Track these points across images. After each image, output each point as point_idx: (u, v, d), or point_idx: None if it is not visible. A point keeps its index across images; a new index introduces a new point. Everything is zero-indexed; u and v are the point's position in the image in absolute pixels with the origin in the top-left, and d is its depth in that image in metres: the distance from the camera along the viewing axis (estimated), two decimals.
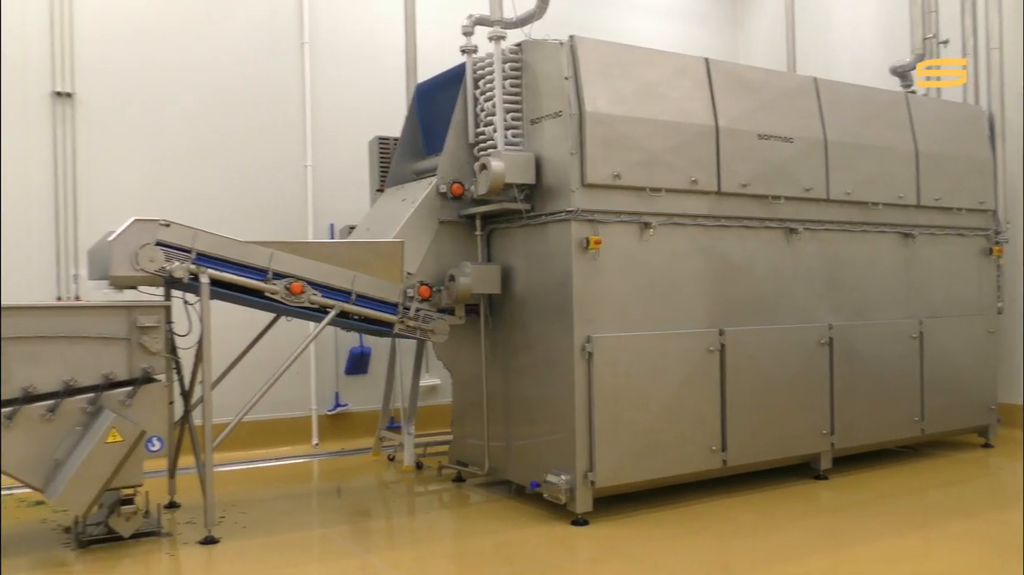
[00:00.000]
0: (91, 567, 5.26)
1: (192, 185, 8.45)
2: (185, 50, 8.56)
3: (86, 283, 7.53)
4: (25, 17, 7.88)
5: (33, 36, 7.90)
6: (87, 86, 8.11)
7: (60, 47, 7.99)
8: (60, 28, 7.99)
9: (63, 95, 8.00)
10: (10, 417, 5.11)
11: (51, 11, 7.97)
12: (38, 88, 7.92)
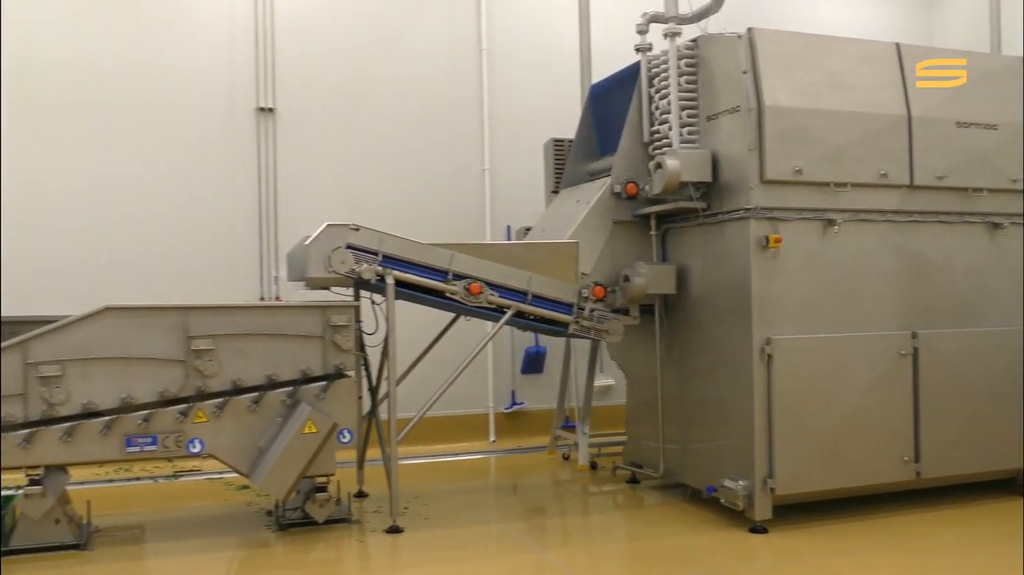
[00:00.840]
0: (289, 548, 5.67)
1: (379, 190, 8.91)
2: (371, 64, 9.03)
3: (285, 284, 8.13)
4: (233, 40, 8.60)
5: (240, 57, 8.62)
6: (286, 102, 8.74)
7: (264, 67, 8.66)
8: (264, 49, 8.67)
9: (265, 110, 8.67)
10: (220, 407, 5.60)
11: (255, 33, 8.65)
12: (244, 104, 8.62)
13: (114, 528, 6.03)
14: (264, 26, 8.68)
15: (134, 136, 8.31)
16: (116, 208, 8.21)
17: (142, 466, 7.70)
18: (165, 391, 5.51)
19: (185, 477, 7.71)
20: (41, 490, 5.35)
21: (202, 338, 5.57)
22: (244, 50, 8.63)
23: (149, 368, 5.49)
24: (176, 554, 5.55)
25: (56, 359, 5.31)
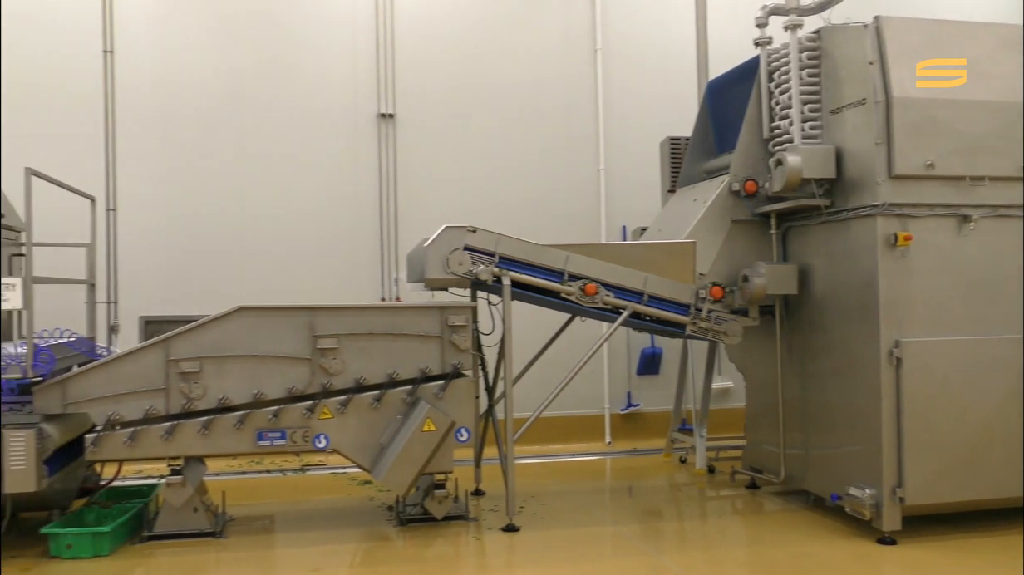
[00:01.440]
0: (410, 543, 5.82)
1: (495, 193, 9.03)
2: (487, 68, 9.16)
3: (405, 285, 8.35)
4: (355, 50, 8.90)
5: (362, 66, 8.91)
6: (406, 108, 8.98)
7: (384, 74, 8.93)
8: (384, 57, 8.93)
9: (386, 116, 8.93)
10: (344, 404, 5.80)
11: (377, 42, 8.93)
12: (366, 111, 8.91)
13: (246, 518, 6.34)
14: (385, 34, 8.94)
15: (263, 144, 8.71)
16: (247, 213, 8.64)
17: (272, 459, 8.07)
18: (293, 388, 5.76)
19: (311, 471, 8.03)
20: (181, 480, 5.68)
21: (327, 337, 5.80)
22: (366, 59, 8.92)
23: (278, 365, 5.75)
24: (303, 544, 5.79)
25: (195, 356, 5.64)
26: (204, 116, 8.62)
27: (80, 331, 6.52)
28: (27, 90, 8.25)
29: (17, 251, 6.32)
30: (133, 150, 8.48)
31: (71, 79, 8.35)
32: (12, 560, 5.41)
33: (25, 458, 5.15)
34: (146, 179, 8.48)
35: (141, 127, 8.50)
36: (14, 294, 5.17)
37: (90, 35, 8.41)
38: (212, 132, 8.63)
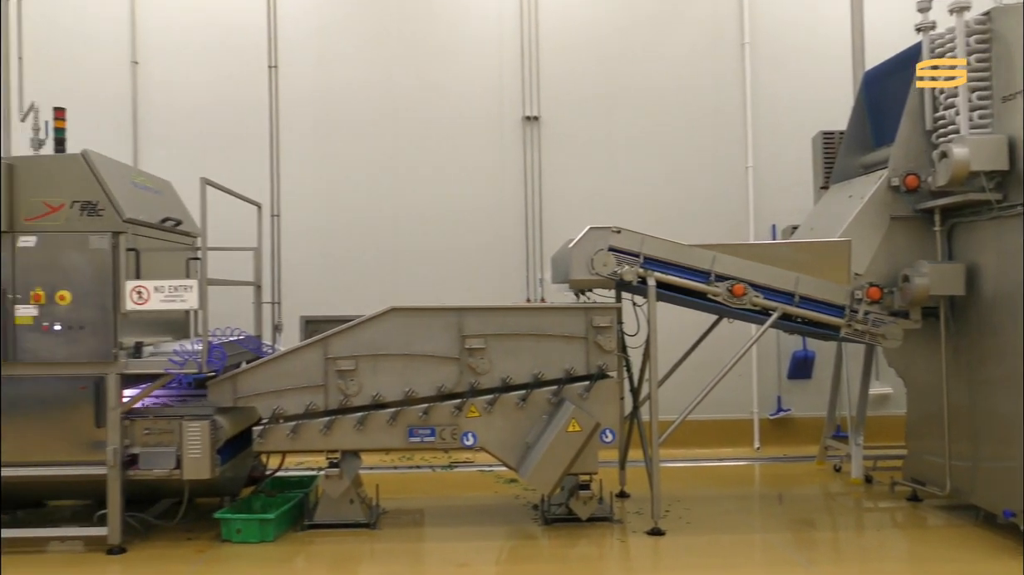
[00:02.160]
0: (555, 542, 5.87)
1: (640, 192, 8.97)
2: (631, 67, 9.11)
3: (550, 286, 8.42)
4: (501, 54, 9.06)
5: (507, 70, 9.06)
6: (550, 110, 9.06)
7: (529, 77, 9.05)
8: (529, 60, 9.05)
9: (531, 119, 9.04)
10: (491, 403, 5.92)
11: (521, 45, 9.06)
12: (511, 115, 9.06)
13: (398, 511, 6.58)
14: (529, 39, 9.06)
15: (413, 151, 9.03)
16: (399, 217, 8.98)
17: (422, 455, 8.33)
18: (442, 386, 5.93)
19: (459, 468, 8.23)
20: (339, 472, 5.97)
21: (475, 337, 5.94)
22: (511, 63, 9.07)
23: (428, 364, 5.94)
24: (452, 539, 5.95)
25: (351, 355, 5.91)
26: (359, 125, 9.02)
27: (248, 330, 6.96)
28: (203, 106, 8.91)
29: (193, 255, 6.81)
30: (295, 159, 8.99)
31: (240, 94, 8.94)
32: (189, 542, 5.85)
33: (201, 447, 5.56)
34: (306, 186, 8.96)
35: (302, 137, 9.00)
36: (191, 295, 5.59)
37: (257, 52, 8.97)
38: (366, 140, 9.02)
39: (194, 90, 8.94)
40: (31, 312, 5.54)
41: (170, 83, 8.97)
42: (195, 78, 8.95)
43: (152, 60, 8.98)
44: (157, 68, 8.98)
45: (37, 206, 5.58)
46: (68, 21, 8.83)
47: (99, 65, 8.88)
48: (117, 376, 5.59)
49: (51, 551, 5.77)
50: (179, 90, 8.96)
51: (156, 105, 8.97)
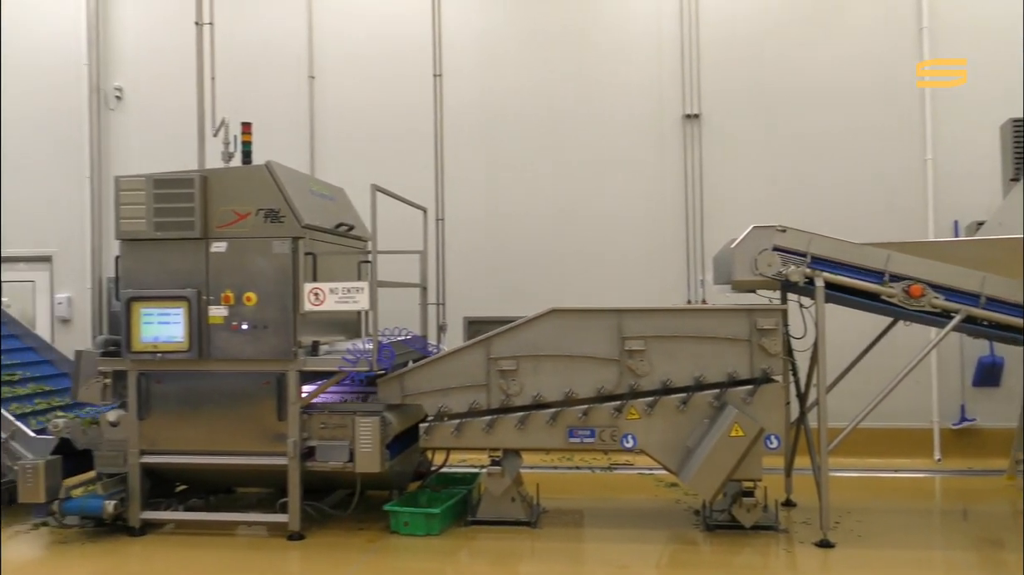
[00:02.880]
0: (716, 549, 5.75)
1: (806, 190, 8.63)
2: (796, 59, 8.78)
3: (711, 287, 8.25)
4: (660, 52, 8.98)
5: (667, 67, 8.97)
6: (711, 107, 8.89)
7: (689, 74, 8.91)
8: (689, 57, 8.91)
9: (691, 117, 8.90)
10: (651, 406, 5.88)
11: (681, 42, 8.94)
12: (671, 113, 8.95)
13: (558, 511, 6.64)
14: (689, 34, 8.92)
15: (574, 152, 9.11)
16: (559, 219, 9.08)
17: (581, 456, 8.37)
18: (602, 388, 5.94)
19: (619, 470, 8.21)
20: (501, 470, 6.10)
21: (635, 339, 5.91)
22: (671, 61, 8.96)
23: (588, 365, 5.97)
24: (611, 540, 5.96)
25: (512, 355, 6.02)
26: (520, 127, 9.19)
27: (414, 330, 7.24)
28: (371, 114, 9.35)
29: (365, 258, 7.16)
30: (458, 163, 9.27)
31: (407, 101, 9.33)
32: (360, 531, 6.15)
33: (371, 442, 5.84)
34: (469, 190, 9.22)
35: (465, 141, 9.27)
36: (363, 296, 5.88)
37: (422, 60, 9.31)
38: (527, 143, 9.18)
39: (363, 100, 9.40)
40: (222, 312, 6.00)
41: (342, 95, 9.47)
42: (364, 89, 9.41)
43: (326, 74, 9.51)
44: (331, 81, 9.50)
45: (227, 214, 6.04)
46: (253, 44, 9.49)
47: (280, 82, 9.50)
48: (296, 373, 5.96)
49: (239, 534, 6.23)
50: (350, 101, 9.44)
51: (330, 116, 9.49)
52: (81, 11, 9.77)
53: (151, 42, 9.79)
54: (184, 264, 6.06)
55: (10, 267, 9.99)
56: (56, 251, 9.86)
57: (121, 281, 6.18)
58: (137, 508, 6.07)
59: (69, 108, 9.77)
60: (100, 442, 6.10)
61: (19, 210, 9.84)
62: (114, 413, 6.09)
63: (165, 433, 6.07)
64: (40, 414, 6.84)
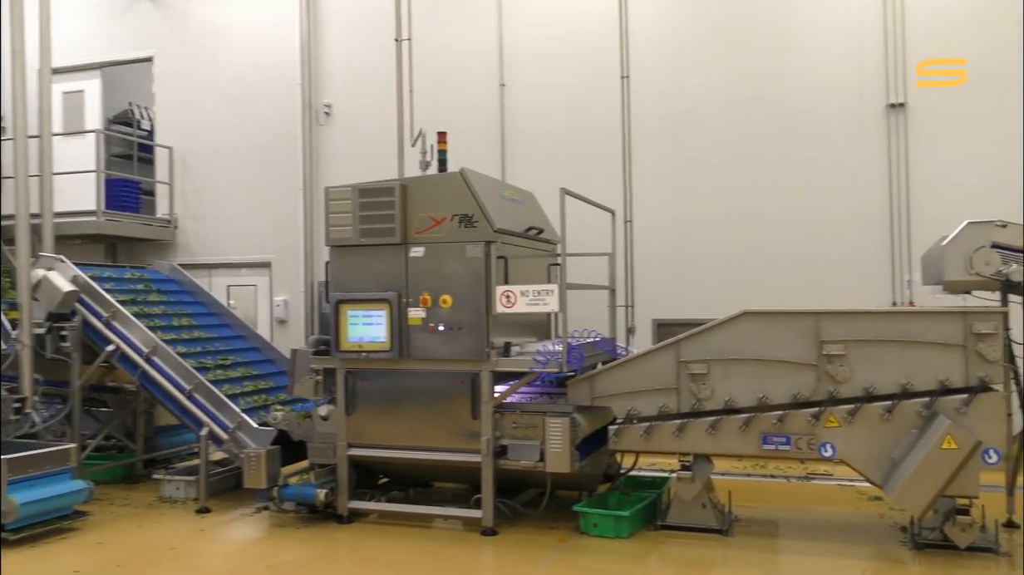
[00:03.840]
0: (927, 570, 5.36)
1: None
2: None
3: (919, 288, 7.71)
4: (861, 40, 8.51)
5: (868, 56, 8.49)
6: (919, 95, 8.31)
7: (893, 62, 8.39)
8: (893, 43, 8.39)
9: (896, 106, 8.38)
10: (852, 413, 5.58)
11: (884, 29, 8.43)
12: (872, 103, 8.48)
13: (751, 520, 6.45)
14: (894, 18, 8.39)
15: (763, 148, 8.83)
16: (749, 217, 8.83)
17: (776, 464, 8.07)
18: (798, 394, 5.71)
19: (816, 480, 7.84)
20: (691, 475, 6.01)
21: (834, 343, 5.64)
22: (873, 47, 8.49)
23: (782, 370, 5.76)
24: (808, 554, 5.71)
25: (702, 358, 5.92)
26: (708, 125, 9.03)
27: (603, 332, 7.27)
28: (559, 119, 9.51)
29: (554, 261, 7.27)
30: (645, 164, 9.23)
31: (594, 105, 9.41)
32: (551, 530, 6.26)
33: (561, 443, 5.93)
34: (657, 191, 9.16)
35: (652, 142, 9.22)
36: (552, 299, 5.99)
37: (609, 63, 9.35)
38: (714, 141, 8.99)
39: (551, 105, 9.57)
40: (420, 314, 6.31)
41: (531, 101, 9.68)
42: (552, 94, 9.58)
43: (516, 81, 9.76)
44: (520, 88, 9.74)
45: (424, 220, 6.34)
46: (447, 57, 9.91)
47: (473, 91, 9.85)
48: (489, 373, 6.16)
49: (436, 527, 6.51)
50: (539, 107, 9.63)
51: (520, 122, 9.73)
52: (295, 37, 10.58)
53: (355, 60, 10.45)
54: (386, 268, 6.42)
55: (234, 273, 11.00)
56: (274, 257, 10.73)
57: (330, 285, 6.64)
58: (345, 498, 6.50)
59: (284, 126, 10.62)
60: (313, 434, 6.58)
61: (244, 221, 10.82)
62: (325, 408, 6.55)
63: (369, 428, 6.46)
64: (262, 408, 7.49)
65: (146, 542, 6.23)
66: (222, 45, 11.02)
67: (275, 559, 5.78)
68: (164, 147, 11.24)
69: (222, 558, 6.02)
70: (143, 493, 7.61)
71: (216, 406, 7.20)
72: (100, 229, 10.25)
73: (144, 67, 11.49)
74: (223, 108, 10.97)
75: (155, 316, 8.02)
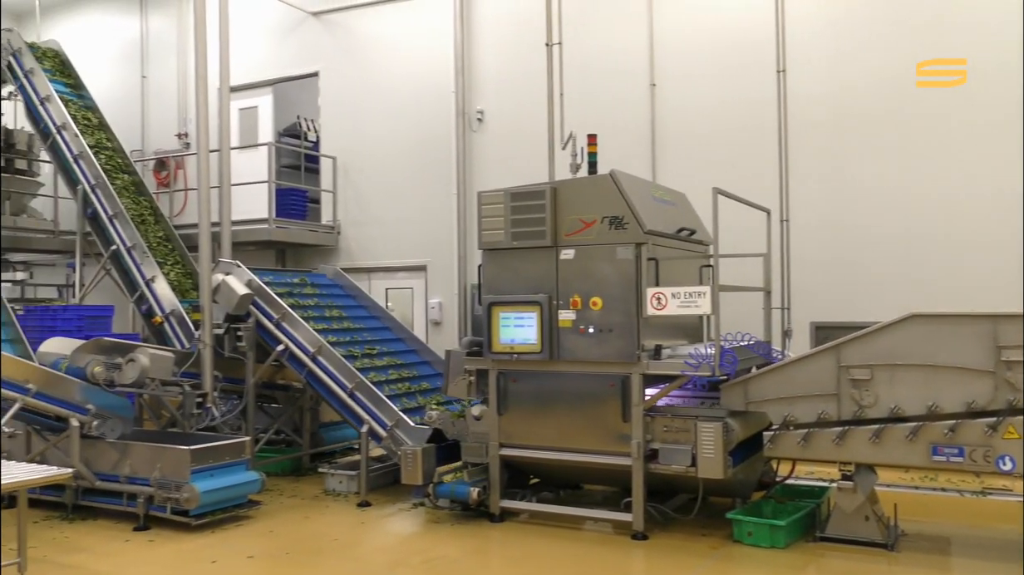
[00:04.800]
0: None
1: None
2: None
3: None
4: None
5: None
6: None
7: None
8: None
9: None
10: None
11: None
12: None
13: (919, 536, 6.08)
14: None
15: (927, 144, 8.33)
16: (913, 216, 8.34)
17: (947, 477, 7.56)
18: (972, 402, 5.34)
19: (993, 495, 7.28)
20: (852, 486, 5.74)
21: (1015, 348, 5.23)
22: None
23: (955, 377, 5.40)
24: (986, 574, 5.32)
25: (865, 363, 5.63)
26: (872, 121, 8.60)
27: (758, 335, 7.05)
28: (712, 117, 9.32)
29: (706, 262, 7.13)
30: (803, 162, 8.89)
31: (748, 102, 9.17)
32: (703, 537, 6.14)
33: (714, 448, 5.80)
34: (816, 189, 8.80)
35: (811, 139, 8.87)
36: (704, 301, 5.88)
37: (764, 58, 9.08)
38: (880, 136, 8.56)
39: (703, 103, 9.40)
40: (570, 316, 6.34)
41: (682, 100, 9.54)
42: (704, 92, 9.40)
43: (667, 80, 9.64)
44: (671, 87, 9.62)
45: (574, 223, 6.37)
46: (597, 59, 9.92)
47: (623, 92, 9.82)
48: (640, 375, 6.11)
49: (586, 529, 6.53)
50: (690, 106, 9.48)
51: (670, 122, 9.61)
52: (449, 46, 10.90)
53: (506, 66, 10.65)
54: (536, 271, 6.50)
55: (392, 276, 11.44)
56: (430, 260, 11.09)
57: (482, 287, 6.79)
58: (497, 497, 6.62)
59: (439, 133, 10.96)
60: (466, 434, 6.75)
61: (401, 226, 11.24)
62: (478, 408, 6.70)
63: (520, 428, 6.56)
64: (418, 407, 7.76)
65: (312, 532, 6.59)
66: (381, 57, 11.50)
67: (430, 554, 5.98)
68: (328, 157, 11.85)
69: (381, 550, 6.28)
70: (309, 485, 8.04)
71: (376, 404, 7.52)
72: (271, 236, 10.93)
73: (311, 82, 12.17)
74: (382, 118, 11.45)
75: (320, 318, 8.46)
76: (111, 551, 6.07)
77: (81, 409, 6.75)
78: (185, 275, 9.77)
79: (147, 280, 9.29)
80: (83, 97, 11.14)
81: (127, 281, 9.63)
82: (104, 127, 10.90)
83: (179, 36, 13.05)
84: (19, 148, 11.34)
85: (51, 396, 6.66)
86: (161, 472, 6.53)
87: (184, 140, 12.83)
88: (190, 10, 10.56)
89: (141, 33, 13.55)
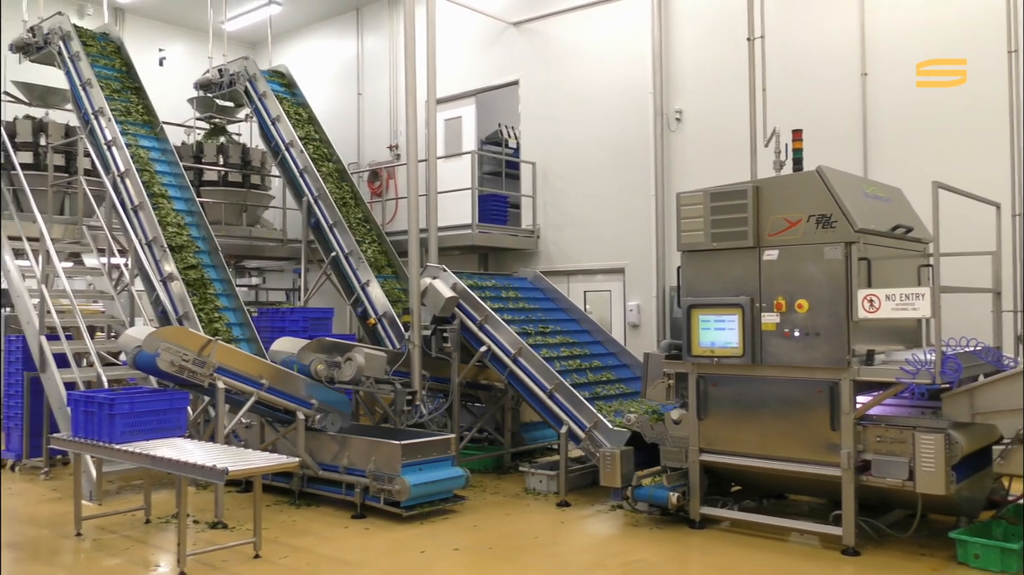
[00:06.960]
0: None
1: None
2: None
3: None
4: None
5: None
6: None
7: None
8: None
9: None
10: None
11: None
12: None
13: None
14: None
15: None
16: None
17: None
18: None
19: None
20: None
21: None
22: None
23: None
24: None
25: None
26: None
27: (986, 340, 6.48)
28: (931, 107, 8.65)
29: (925, 262, 6.63)
30: None
31: (975, 87, 8.41)
32: (922, 557, 5.71)
33: (934, 461, 5.38)
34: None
35: None
36: (923, 303, 5.47)
37: (995, 39, 8.31)
38: None
39: (921, 93, 8.72)
40: (774, 319, 6.12)
41: (898, 89, 8.92)
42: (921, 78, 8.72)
43: (880, 69, 9.06)
44: (885, 76, 9.03)
45: (778, 222, 6.14)
46: (802, 51, 9.50)
47: (830, 84, 9.34)
48: (850, 382, 5.79)
49: (791, 541, 6.26)
50: (905, 94, 8.85)
51: (884, 113, 9.03)
52: (647, 46, 10.83)
53: (705, 64, 10.43)
54: (737, 272, 6.32)
55: (590, 279, 11.52)
56: (628, 263, 11.06)
57: (682, 289, 6.69)
58: (697, 503, 6.50)
59: (637, 135, 10.92)
60: (665, 438, 6.67)
61: (598, 229, 11.31)
62: (677, 412, 6.61)
63: (721, 434, 6.40)
64: (617, 410, 7.77)
65: (513, 529, 6.77)
66: (579, 62, 11.63)
67: (629, 557, 5.96)
68: (528, 163, 12.12)
69: (580, 550, 6.34)
70: (510, 483, 8.26)
71: (574, 406, 7.61)
72: (474, 241, 11.33)
73: (511, 90, 12.51)
74: (580, 122, 11.56)
75: (521, 321, 8.68)
76: (333, 536, 6.54)
77: (306, 403, 7.32)
78: (379, 252, 10.46)
79: (362, 284, 9.92)
80: (298, 101, 12.03)
81: (344, 285, 10.33)
82: (325, 143, 11.73)
83: (391, 54, 13.85)
84: (254, 165, 12.50)
85: (281, 391, 7.28)
86: (375, 465, 6.95)
87: (395, 151, 13.59)
88: (400, 29, 11.18)
89: (358, 53, 14.52)
